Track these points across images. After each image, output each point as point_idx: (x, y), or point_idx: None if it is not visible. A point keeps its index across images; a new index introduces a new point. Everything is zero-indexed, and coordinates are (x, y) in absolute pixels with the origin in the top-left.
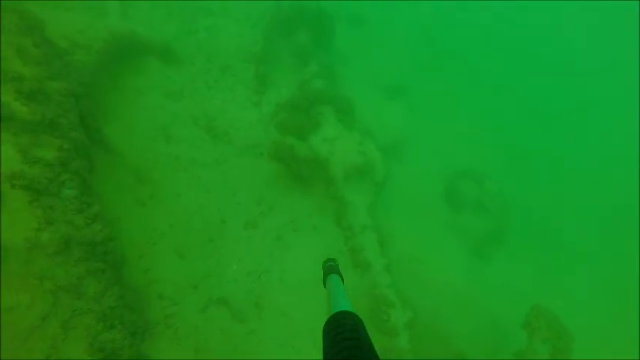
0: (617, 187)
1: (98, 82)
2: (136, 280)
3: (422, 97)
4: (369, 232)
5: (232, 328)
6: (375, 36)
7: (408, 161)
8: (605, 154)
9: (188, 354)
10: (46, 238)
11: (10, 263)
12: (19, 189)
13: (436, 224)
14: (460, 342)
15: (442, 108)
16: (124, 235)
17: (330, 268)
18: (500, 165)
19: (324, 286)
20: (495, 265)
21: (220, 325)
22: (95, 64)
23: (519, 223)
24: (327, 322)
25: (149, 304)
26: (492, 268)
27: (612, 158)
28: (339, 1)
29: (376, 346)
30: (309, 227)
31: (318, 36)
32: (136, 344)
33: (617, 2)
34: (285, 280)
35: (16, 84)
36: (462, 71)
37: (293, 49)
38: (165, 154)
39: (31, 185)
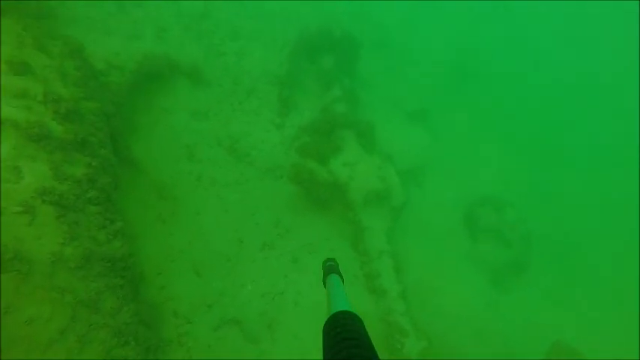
0: None
1: (129, 101)
2: (152, 297)
3: (444, 121)
4: (385, 257)
5: (244, 349)
6: (398, 61)
7: (427, 187)
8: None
9: None
10: (69, 252)
11: (34, 276)
12: (48, 204)
13: (454, 252)
14: None
15: (464, 133)
16: (143, 252)
17: (330, 268)
18: (521, 193)
19: (324, 286)
20: (515, 295)
21: (232, 345)
22: (128, 85)
23: (541, 253)
24: (327, 322)
25: (163, 321)
26: (511, 298)
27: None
28: (363, 26)
29: None
30: (326, 250)
31: (342, 61)
32: None
33: None
34: (299, 302)
35: (55, 105)
36: (484, 96)
37: (317, 73)
38: (188, 172)
39: (59, 201)
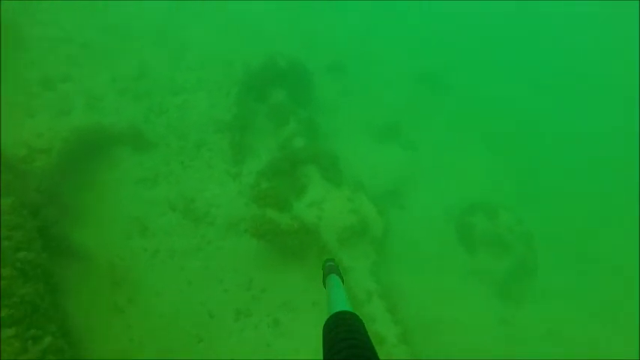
0: None
1: (64, 183)
2: None
3: (416, 134)
4: (375, 298)
5: None
6: (358, 80)
7: (410, 206)
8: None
9: None
10: None
11: None
12: None
13: (452, 271)
14: None
15: (439, 142)
16: (99, 349)
17: (330, 268)
18: (511, 193)
19: (324, 286)
20: (529, 306)
21: None
22: (58, 166)
23: (545, 253)
24: (327, 322)
25: None
26: (526, 311)
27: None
28: (311, 53)
29: None
30: (308, 304)
31: (293, 92)
32: None
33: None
34: None
35: None
36: (455, 101)
37: (269, 110)
38: (142, 249)
39: None
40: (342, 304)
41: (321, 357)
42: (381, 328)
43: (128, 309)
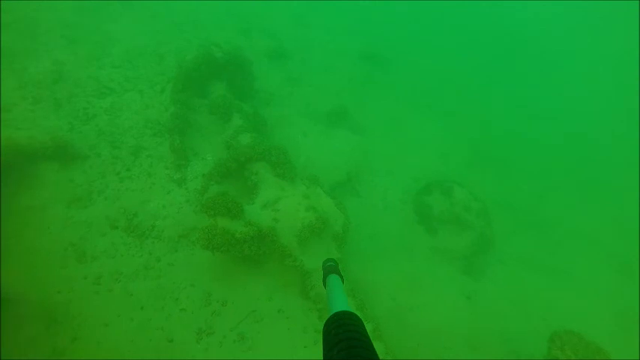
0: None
1: None
2: None
3: (364, 115)
4: None
5: None
6: (301, 65)
7: (368, 192)
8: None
9: None
10: None
11: None
12: None
13: (418, 255)
14: None
15: (388, 120)
16: None
17: (330, 269)
18: (464, 167)
19: (324, 287)
20: (492, 277)
21: None
22: None
23: (502, 222)
24: (327, 322)
25: None
26: (490, 282)
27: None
28: (253, 40)
29: None
30: (274, 312)
31: (235, 84)
32: None
33: None
34: None
35: None
36: (398, 77)
37: (210, 106)
38: (82, 277)
39: None
40: (342, 304)
41: (321, 357)
42: None
43: (71, 350)
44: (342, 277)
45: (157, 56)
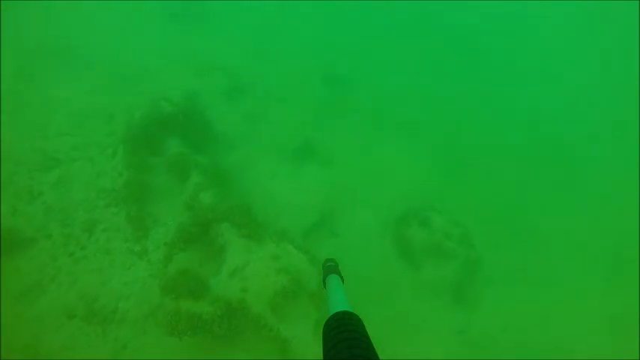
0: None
1: None
2: None
3: (331, 145)
4: None
5: None
6: (260, 99)
7: (345, 230)
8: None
9: None
10: None
11: None
12: None
13: (403, 293)
14: None
15: (361, 147)
16: None
17: (330, 269)
18: (440, 191)
19: (324, 287)
20: (483, 301)
21: None
22: None
23: (486, 245)
24: (327, 323)
25: None
26: (484, 309)
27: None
28: (207, 79)
29: None
30: None
31: (190, 136)
32: None
33: None
34: None
35: None
36: (361, 99)
37: (166, 165)
38: None
39: None
40: (342, 305)
41: (321, 357)
42: None
43: None
44: (342, 277)
45: (105, 115)
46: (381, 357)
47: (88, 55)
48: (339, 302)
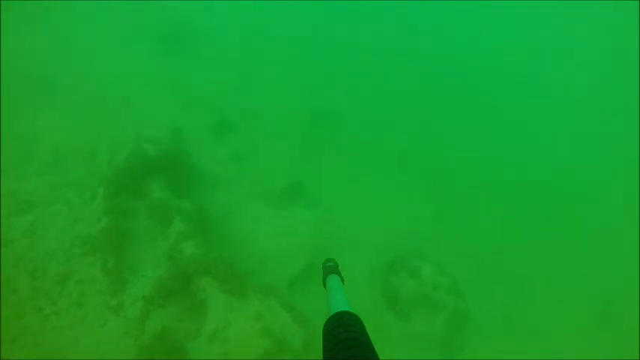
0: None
1: None
2: None
3: (322, 184)
4: None
5: None
6: (248, 136)
7: None
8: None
9: None
10: None
11: None
12: None
13: (393, 347)
14: None
15: (349, 187)
16: None
17: (330, 269)
18: (427, 223)
19: (324, 287)
20: (472, 355)
21: None
22: None
23: (475, 284)
24: (327, 323)
25: None
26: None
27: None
28: (193, 115)
29: None
30: None
31: (174, 178)
32: None
33: None
34: None
35: None
36: (356, 133)
37: (148, 209)
38: None
39: None
40: (342, 305)
41: (321, 357)
42: None
43: None
44: (342, 277)
45: (87, 153)
46: (380, 357)
47: (72, 85)
48: (339, 302)
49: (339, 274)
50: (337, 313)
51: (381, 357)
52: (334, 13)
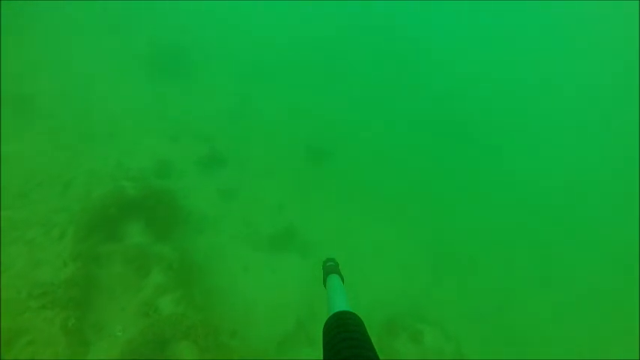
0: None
1: None
2: None
3: (315, 229)
4: None
5: None
6: (238, 171)
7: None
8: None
9: None
10: None
11: None
12: None
13: None
14: None
15: (343, 232)
16: None
17: (330, 268)
18: (426, 275)
19: (324, 286)
20: None
21: None
22: None
23: (477, 348)
24: (327, 322)
25: None
26: None
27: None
28: (181, 147)
29: None
30: None
31: (156, 220)
32: None
33: None
34: None
35: None
36: (351, 175)
37: (123, 255)
38: None
39: None
40: (342, 304)
41: (321, 357)
42: None
43: None
44: (342, 277)
45: (60, 185)
46: (380, 357)
47: (50, 107)
48: (339, 302)
49: (339, 273)
50: (337, 313)
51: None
52: (336, 46)
